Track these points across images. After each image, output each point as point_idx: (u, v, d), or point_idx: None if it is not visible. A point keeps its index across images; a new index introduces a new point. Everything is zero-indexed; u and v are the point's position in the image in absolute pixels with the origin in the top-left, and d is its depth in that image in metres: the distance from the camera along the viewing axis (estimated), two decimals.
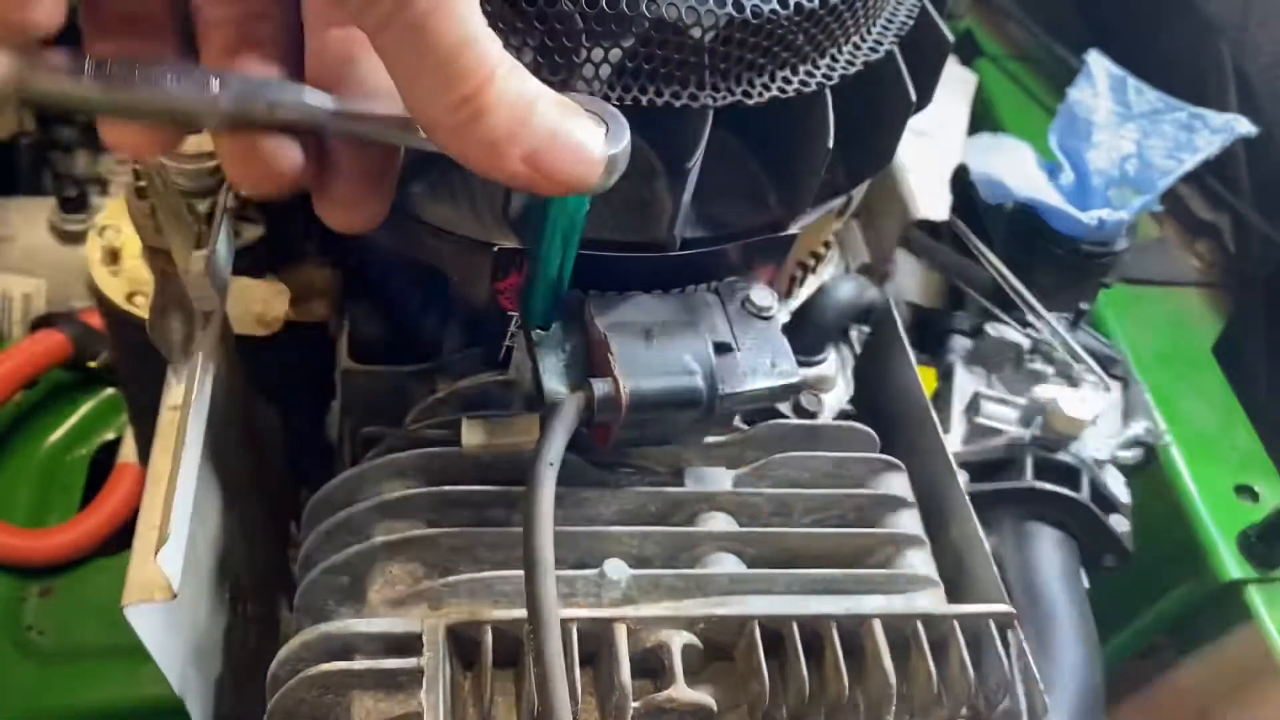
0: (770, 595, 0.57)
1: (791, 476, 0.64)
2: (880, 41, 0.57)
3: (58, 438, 1.29)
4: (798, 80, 0.54)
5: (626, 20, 0.49)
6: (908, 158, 0.97)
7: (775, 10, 0.51)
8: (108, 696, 1.08)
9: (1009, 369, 0.97)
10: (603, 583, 0.55)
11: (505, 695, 0.53)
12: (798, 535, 0.60)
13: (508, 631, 0.52)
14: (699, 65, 0.51)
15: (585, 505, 0.59)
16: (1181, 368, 1.10)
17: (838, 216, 0.67)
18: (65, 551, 1.17)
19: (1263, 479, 1.01)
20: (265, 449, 0.72)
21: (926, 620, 0.56)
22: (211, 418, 0.53)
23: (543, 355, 0.54)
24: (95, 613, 1.15)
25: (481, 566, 0.56)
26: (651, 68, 0.50)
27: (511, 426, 0.58)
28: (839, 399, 0.74)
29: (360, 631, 0.51)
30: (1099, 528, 0.88)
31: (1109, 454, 0.92)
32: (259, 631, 0.67)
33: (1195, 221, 1.21)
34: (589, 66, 0.50)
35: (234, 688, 0.59)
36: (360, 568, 0.56)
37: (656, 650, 0.53)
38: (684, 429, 0.56)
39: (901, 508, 0.64)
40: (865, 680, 0.55)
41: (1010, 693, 0.56)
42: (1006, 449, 0.91)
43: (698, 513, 0.60)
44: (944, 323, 0.99)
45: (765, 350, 0.57)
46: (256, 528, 0.67)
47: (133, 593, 0.44)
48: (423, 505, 0.57)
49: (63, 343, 1.24)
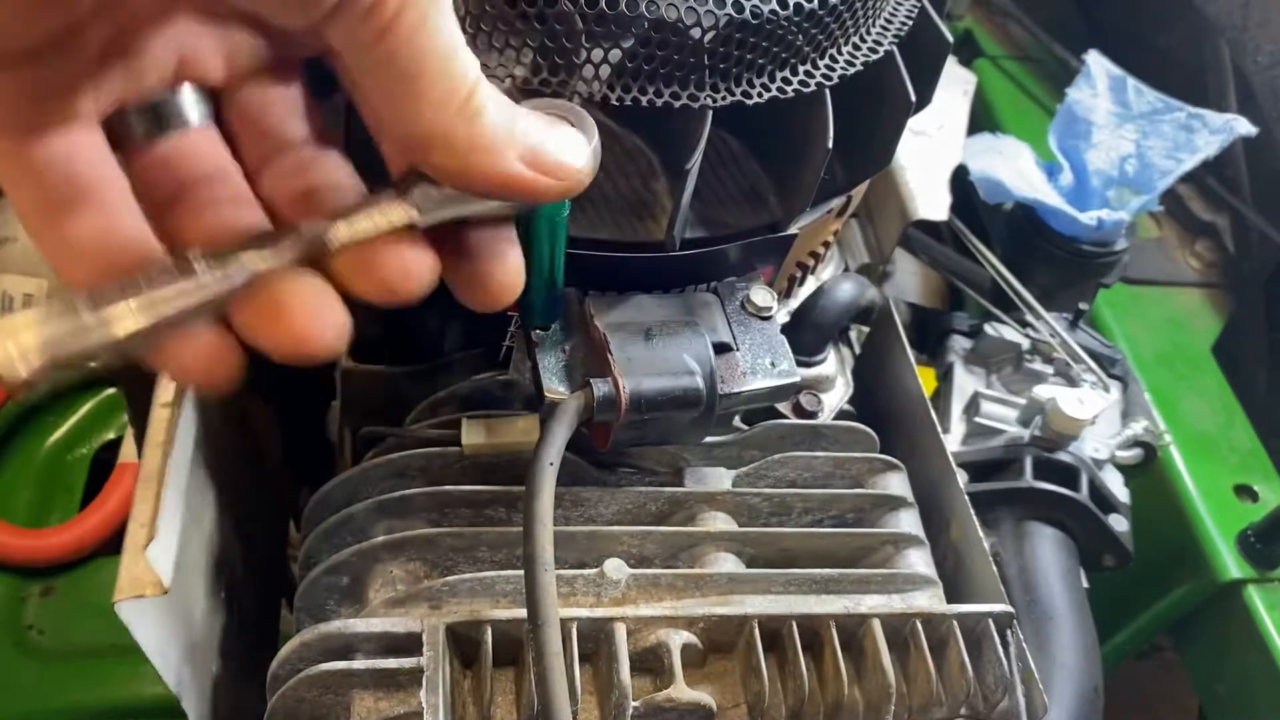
0: (769, 595, 0.57)
1: (791, 476, 0.64)
2: (880, 42, 0.57)
3: (58, 437, 1.29)
4: (797, 80, 0.54)
5: (626, 21, 0.49)
6: (907, 158, 0.97)
7: (775, 11, 0.51)
8: (108, 696, 1.08)
9: (1008, 369, 0.97)
10: (602, 582, 0.55)
11: (505, 695, 0.53)
12: (797, 535, 0.60)
13: (508, 631, 0.52)
14: (699, 65, 0.51)
15: (585, 505, 0.59)
16: (1181, 368, 1.10)
17: (837, 217, 0.67)
18: (66, 551, 1.17)
19: (1262, 479, 1.01)
20: (264, 449, 0.72)
21: (926, 620, 0.56)
22: (206, 417, 0.53)
23: (543, 355, 0.54)
24: (96, 612, 1.15)
25: (481, 566, 0.56)
26: (651, 68, 0.50)
27: (511, 426, 0.58)
28: (839, 399, 0.74)
29: (360, 631, 0.51)
30: (1098, 528, 0.88)
31: (1108, 454, 0.92)
32: (258, 630, 0.67)
33: (1195, 221, 1.21)
34: (589, 67, 0.50)
35: (232, 687, 0.59)
36: (360, 567, 0.56)
37: (656, 649, 0.54)
38: (684, 429, 0.56)
39: (901, 507, 0.64)
40: (864, 679, 0.55)
41: (1009, 692, 0.56)
42: (1006, 449, 0.91)
43: (697, 513, 0.60)
44: (943, 323, 0.99)
45: (765, 350, 0.57)
46: (255, 528, 0.67)
47: (124, 589, 0.44)
48: (423, 505, 0.57)
49: None
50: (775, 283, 0.63)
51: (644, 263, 0.58)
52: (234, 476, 0.61)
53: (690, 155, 0.52)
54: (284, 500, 0.78)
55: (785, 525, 0.62)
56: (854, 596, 0.58)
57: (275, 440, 0.75)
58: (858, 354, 0.79)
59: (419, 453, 0.59)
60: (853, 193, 0.66)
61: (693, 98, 0.51)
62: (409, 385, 0.65)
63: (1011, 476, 0.89)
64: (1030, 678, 0.57)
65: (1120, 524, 0.89)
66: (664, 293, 0.59)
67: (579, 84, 0.50)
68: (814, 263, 0.70)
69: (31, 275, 1.34)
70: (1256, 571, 0.95)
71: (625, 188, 0.59)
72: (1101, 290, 1.05)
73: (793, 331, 0.71)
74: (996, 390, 0.95)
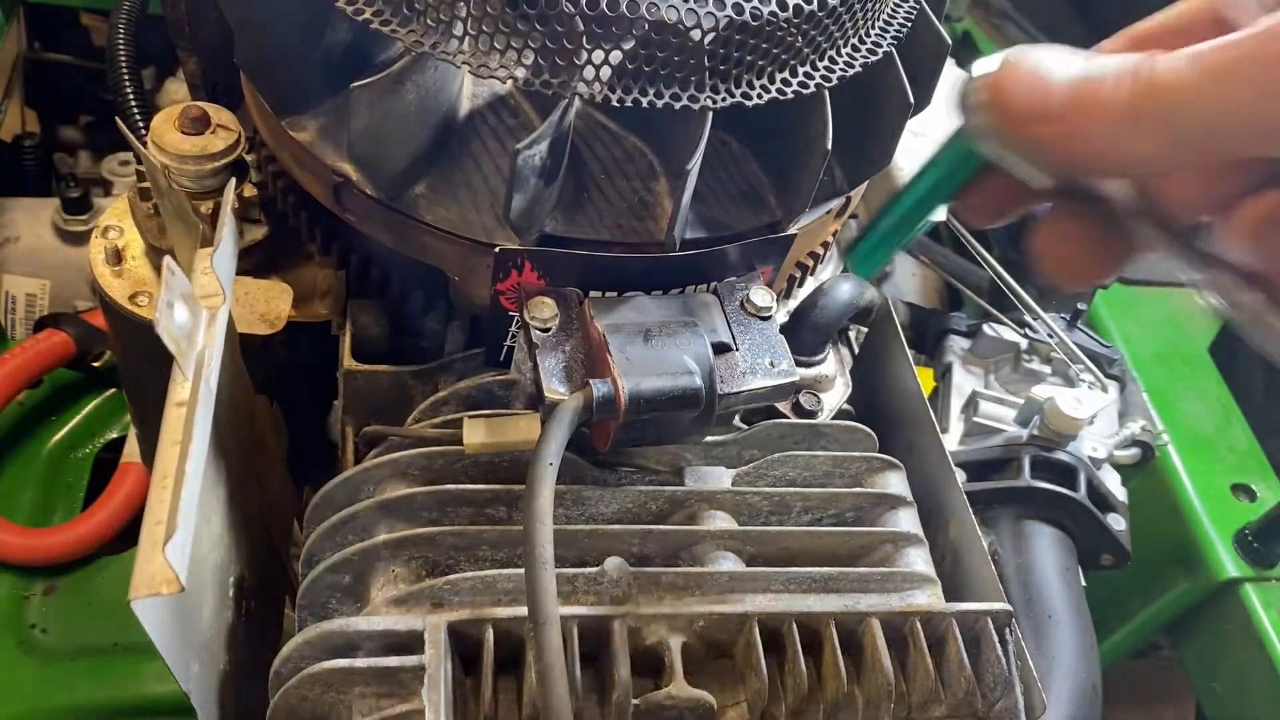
0: (769, 593, 0.58)
1: (790, 475, 0.64)
2: (879, 44, 0.58)
3: (61, 437, 1.30)
4: (797, 82, 0.54)
5: (626, 22, 0.49)
6: (906, 159, 0.97)
7: (774, 13, 0.51)
8: (111, 694, 1.09)
9: (1006, 369, 0.97)
10: (603, 581, 0.56)
11: (506, 693, 0.53)
12: (796, 534, 0.61)
13: (509, 630, 0.52)
14: (699, 67, 0.51)
15: (585, 504, 0.59)
16: (1179, 368, 1.10)
17: (836, 217, 0.68)
18: (69, 550, 1.18)
19: (1259, 478, 1.02)
20: (267, 448, 0.72)
21: (925, 618, 0.57)
22: (215, 416, 0.54)
23: (543, 356, 0.55)
24: (99, 611, 1.15)
25: (483, 565, 0.57)
26: (651, 70, 0.50)
27: (512, 426, 0.58)
28: (838, 398, 0.74)
29: (362, 630, 0.51)
30: (1096, 526, 0.89)
31: (1106, 453, 0.93)
32: (262, 629, 0.68)
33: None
34: (589, 68, 0.50)
35: (237, 684, 0.59)
36: (362, 566, 0.56)
37: (656, 648, 0.54)
38: (683, 429, 0.56)
39: (900, 506, 0.64)
40: (864, 678, 0.56)
41: (1008, 690, 0.56)
42: (1004, 448, 0.91)
43: (697, 512, 0.61)
44: (942, 323, 1.00)
45: (764, 350, 0.57)
46: (259, 526, 0.68)
47: (140, 587, 0.44)
48: (424, 504, 0.58)
49: (66, 343, 1.25)
50: (775, 283, 0.64)
51: (644, 263, 0.58)
52: (240, 476, 0.61)
53: (690, 156, 0.52)
54: (287, 499, 0.78)
55: (785, 524, 0.63)
56: (853, 595, 0.59)
57: (279, 439, 0.76)
58: (856, 354, 0.79)
59: (420, 452, 0.59)
60: (852, 193, 0.66)
61: (693, 99, 0.52)
62: (411, 385, 0.65)
63: (1010, 476, 0.89)
64: (1029, 676, 0.57)
65: (1118, 523, 0.90)
66: (663, 293, 0.59)
67: (579, 85, 0.50)
68: (813, 263, 0.71)
69: (35, 276, 1.35)
70: (1254, 570, 0.95)
71: (625, 188, 0.59)
72: (1099, 291, 1.05)
73: (792, 331, 0.72)
74: (995, 390, 0.95)
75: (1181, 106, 0.36)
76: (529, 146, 0.50)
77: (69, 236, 1.35)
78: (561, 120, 0.51)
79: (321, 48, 0.58)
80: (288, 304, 0.67)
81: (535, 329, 0.55)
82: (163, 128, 0.65)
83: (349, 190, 0.59)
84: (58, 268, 1.35)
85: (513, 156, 0.50)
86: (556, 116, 0.51)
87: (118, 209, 0.70)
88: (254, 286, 0.68)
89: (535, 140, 0.50)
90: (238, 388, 0.63)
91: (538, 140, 0.50)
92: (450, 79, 0.57)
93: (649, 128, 0.60)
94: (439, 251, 0.59)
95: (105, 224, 0.70)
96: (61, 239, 1.35)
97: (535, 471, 0.50)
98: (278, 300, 0.67)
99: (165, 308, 0.49)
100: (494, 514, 0.59)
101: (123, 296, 0.67)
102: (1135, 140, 0.37)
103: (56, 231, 1.35)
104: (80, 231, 1.34)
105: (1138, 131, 0.37)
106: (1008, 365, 0.96)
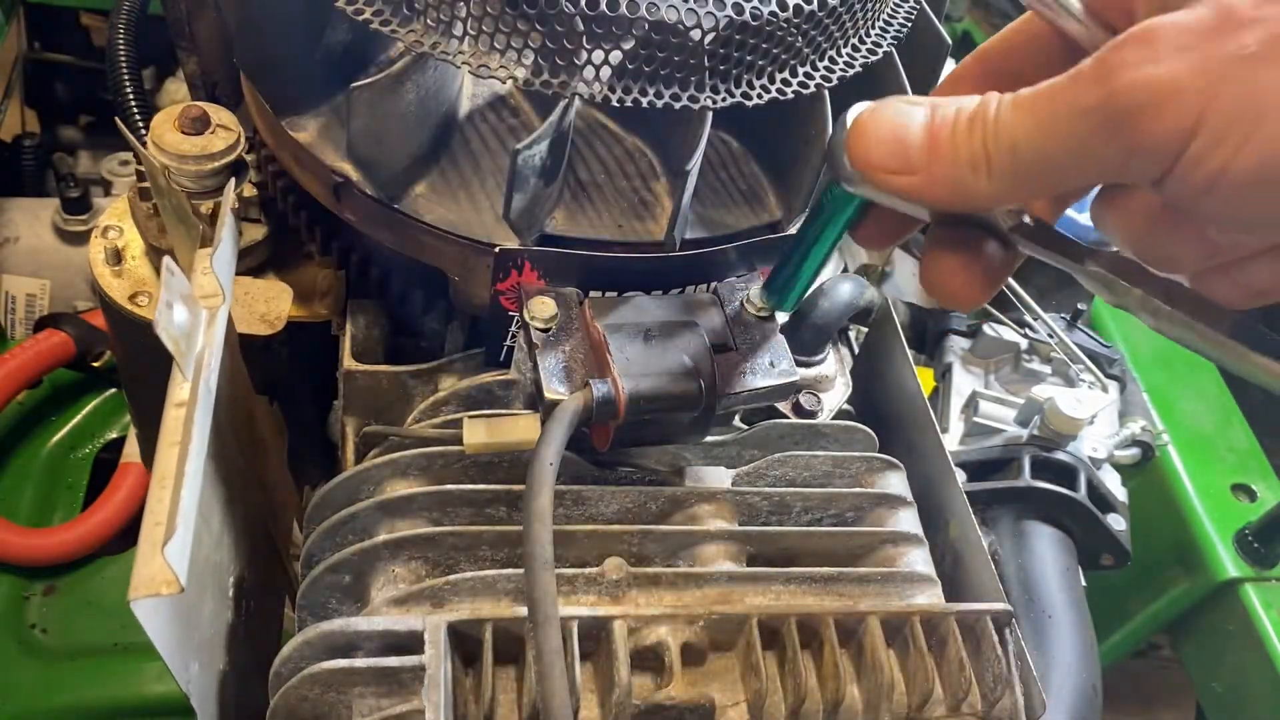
0: (769, 593, 0.58)
1: (791, 475, 0.64)
2: (879, 43, 0.58)
3: (61, 437, 1.30)
4: (797, 82, 0.54)
5: (626, 22, 0.49)
6: None
7: (774, 13, 0.51)
8: (111, 694, 1.09)
9: (1006, 369, 0.97)
10: (603, 580, 0.56)
11: (506, 693, 0.53)
12: (796, 534, 0.61)
13: (509, 629, 0.52)
14: (699, 67, 0.51)
15: (586, 504, 0.59)
16: (1178, 368, 1.10)
17: None
18: (69, 550, 1.18)
19: (1259, 478, 1.02)
20: (267, 448, 0.72)
21: (925, 618, 0.57)
22: (215, 416, 0.54)
23: (543, 356, 0.55)
24: (99, 611, 1.15)
25: (482, 565, 0.57)
26: (651, 70, 0.50)
27: (512, 426, 0.58)
28: (838, 398, 0.74)
29: (362, 629, 0.51)
30: (1096, 526, 0.89)
31: (1106, 453, 0.93)
32: (262, 629, 0.68)
33: None
34: (589, 68, 0.50)
35: (237, 684, 0.59)
36: (362, 566, 0.56)
37: (656, 647, 0.54)
38: (683, 429, 0.56)
39: (900, 506, 0.64)
40: (864, 677, 0.56)
41: (1008, 690, 0.56)
42: (1004, 448, 0.91)
43: (697, 511, 0.61)
44: (942, 323, 1.00)
45: (764, 350, 0.57)
46: (259, 526, 0.68)
47: (139, 587, 0.44)
48: (424, 504, 0.58)
49: (66, 343, 1.25)
50: None
51: (644, 263, 0.58)
52: (240, 476, 0.61)
53: (690, 156, 0.52)
54: (287, 499, 0.78)
55: (785, 524, 0.63)
56: (853, 595, 0.59)
57: (278, 439, 0.76)
58: (856, 354, 0.79)
59: (420, 452, 0.59)
60: None
61: (693, 99, 0.52)
62: (411, 385, 0.65)
63: (1010, 476, 0.90)
64: (1029, 676, 0.57)
65: (1118, 523, 0.90)
66: (663, 293, 0.59)
67: (579, 85, 0.50)
68: None
69: (35, 276, 1.35)
70: (1254, 570, 0.95)
71: (625, 188, 0.59)
72: None
73: (792, 331, 0.72)
74: (995, 390, 0.96)
75: (1014, 151, 0.41)
76: (529, 146, 0.50)
77: (69, 236, 1.35)
78: (561, 120, 0.51)
79: (321, 48, 0.58)
80: (288, 304, 0.67)
81: (535, 329, 0.55)
82: (163, 128, 0.65)
83: (349, 190, 0.59)
84: (58, 268, 1.35)
85: (513, 156, 0.50)
86: (556, 116, 0.51)
87: (118, 209, 0.70)
88: (254, 286, 0.68)
89: (535, 140, 0.50)
90: (238, 388, 0.63)
91: (538, 140, 0.50)
92: (450, 79, 0.57)
93: (649, 128, 0.60)
94: (439, 251, 0.59)
95: (105, 224, 0.70)
96: (61, 239, 1.35)
97: (535, 471, 0.50)
98: (278, 300, 0.67)
99: (165, 308, 0.49)
100: (494, 514, 0.59)
101: (123, 296, 0.67)
102: (985, 182, 0.42)
103: (56, 231, 1.35)
104: (80, 231, 1.34)
105: (987, 174, 0.42)
106: (1008, 365, 0.96)
